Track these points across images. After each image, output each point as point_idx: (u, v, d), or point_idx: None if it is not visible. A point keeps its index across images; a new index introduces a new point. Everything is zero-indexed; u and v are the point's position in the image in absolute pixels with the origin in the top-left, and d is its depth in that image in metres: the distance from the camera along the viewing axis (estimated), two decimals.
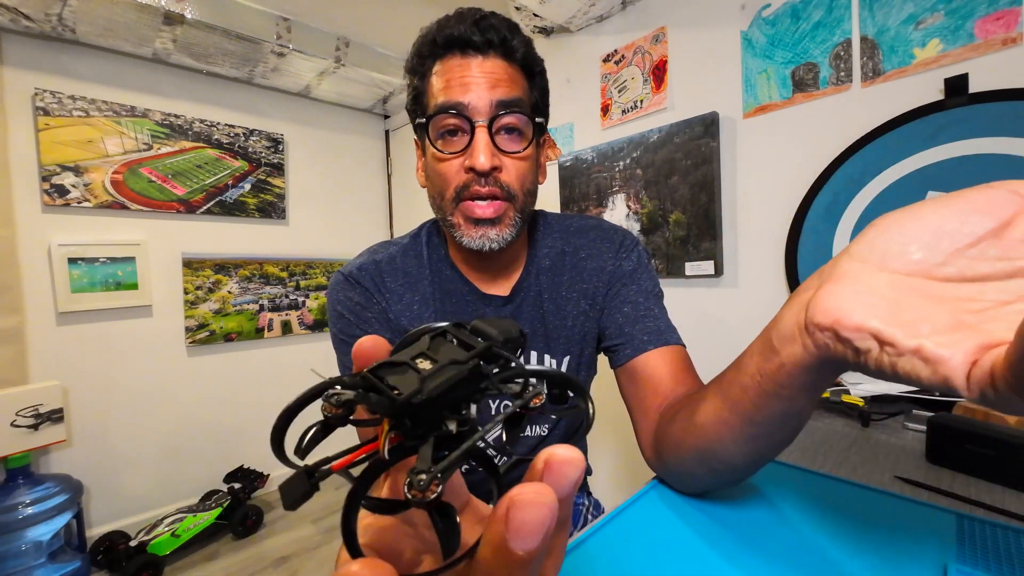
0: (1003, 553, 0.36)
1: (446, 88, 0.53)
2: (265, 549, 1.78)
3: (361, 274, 0.61)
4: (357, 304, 0.60)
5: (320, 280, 2.40)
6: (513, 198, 0.55)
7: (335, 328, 0.61)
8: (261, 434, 2.20)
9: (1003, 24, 0.92)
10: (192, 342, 1.99)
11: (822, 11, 1.14)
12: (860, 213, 1.09)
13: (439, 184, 0.56)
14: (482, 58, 0.54)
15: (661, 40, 1.45)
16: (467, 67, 0.53)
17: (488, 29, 0.53)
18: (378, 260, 0.62)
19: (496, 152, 0.54)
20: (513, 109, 0.53)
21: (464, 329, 0.19)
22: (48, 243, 1.68)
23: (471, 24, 0.53)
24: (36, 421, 1.51)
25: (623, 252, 0.65)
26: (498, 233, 0.55)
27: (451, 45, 0.54)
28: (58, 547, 1.48)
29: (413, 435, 0.15)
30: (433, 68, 0.55)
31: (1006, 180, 0.22)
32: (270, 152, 2.23)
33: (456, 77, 0.53)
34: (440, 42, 0.54)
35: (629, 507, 0.46)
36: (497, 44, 0.54)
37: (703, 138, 1.32)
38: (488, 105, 0.53)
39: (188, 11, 1.62)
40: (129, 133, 1.84)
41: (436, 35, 0.54)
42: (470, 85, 0.52)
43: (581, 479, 0.14)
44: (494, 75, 0.54)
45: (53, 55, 1.70)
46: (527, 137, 0.56)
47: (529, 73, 0.58)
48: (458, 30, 0.53)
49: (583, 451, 0.80)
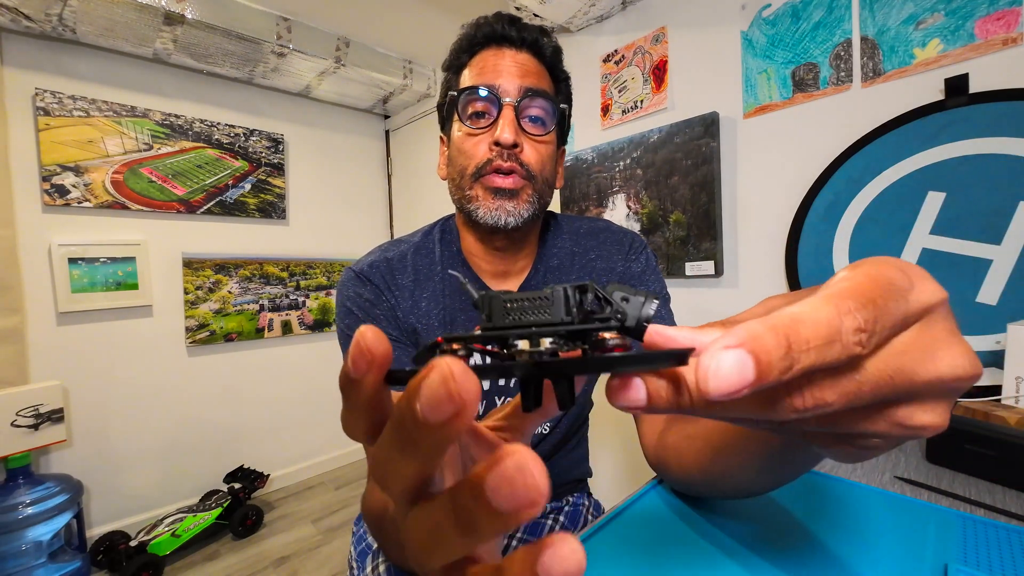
0: (1003, 553, 0.36)
1: (479, 74, 0.58)
2: (265, 549, 1.78)
3: (372, 271, 0.61)
4: (367, 301, 0.60)
5: (320, 280, 2.40)
6: (532, 178, 0.58)
7: (343, 324, 0.61)
8: (261, 434, 2.20)
9: (1003, 24, 0.92)
10: (192, 342, 1.99)
11: (822, 11, 1.14)
12: (860, 213, 1.09)
13: (461, 162, 0.59)
14: (515, 51, 0.59)
15: (661, 40, 1.45)
16: (500, 56, 0.58)
17: (523, 28, 0.59)
18: (389, 258, 0.63)
19: (520, 131, 0.57)
20: (539, 96, 0.57)
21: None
22: (48, 243, 1.68)
23: (507, 22, 0.59)
24: (36, 421, 1.51)
25: (632, 254, 0.66)
26: (515, 207, 0.57)
27: (488, 39, 0.59)
28: (58, 547, 1.48)
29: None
30: (469, 62, 0.60)
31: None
32: (270, 152, 2.23)
33: (490, 65, 0.58)
34: (479, 38, 0.59)
35: (629, 507, 0.46)
36: (530, 41, 0.59)
37: (703, 138, 1.32)
38: (517, 89, 0.57)
39: (188, 11, 1.62)
40: (129, 133, 1.84)
41: (475, 32, 0.60)
42: (502, 72, 0.57)
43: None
44: (525, 66, 0.58)
45: (53, 55, 1.70)
46: (549, 127, 0.59)
47: (555, 77, 0.63)
48: (495, 26, 0.59)
49: (585, 453, 0.80)
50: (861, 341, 0.16)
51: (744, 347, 0.15)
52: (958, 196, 0.97)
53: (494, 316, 0.18)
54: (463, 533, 0.14)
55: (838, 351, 0.15)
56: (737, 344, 0.15)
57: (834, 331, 0.15)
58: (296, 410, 2.30)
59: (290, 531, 1.90)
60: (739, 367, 0.14)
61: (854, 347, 0.16)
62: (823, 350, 0.15)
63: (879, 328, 0.16)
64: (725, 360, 0.15)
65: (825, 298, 0.16)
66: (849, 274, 0.18)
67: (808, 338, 0.15)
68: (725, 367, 0.15)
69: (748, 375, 0.14)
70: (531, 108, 0.57)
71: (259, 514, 1.90)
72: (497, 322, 0.18)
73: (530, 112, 0.58)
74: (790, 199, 1.21)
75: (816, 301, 0.16)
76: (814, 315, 0.16)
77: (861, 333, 0.16)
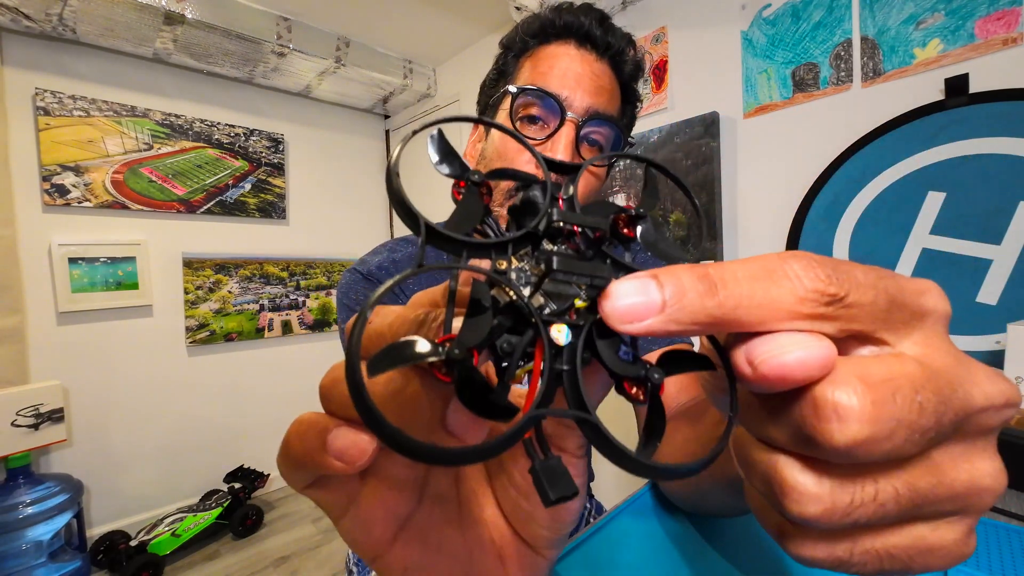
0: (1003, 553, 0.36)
1: (548, 73, 0.50)
2: (265, 549, 1.78)
3: (381, 273, 0.58)
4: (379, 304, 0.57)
5: (320, 280, 2.40)
6: None
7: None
8: (261, 434, 2.20)
9: (1003, 24, 0.92)
10: (192, 342, 1.99)
11: (822, 11, 1.14)
12: (860, 213, 1.09)
13: (499, 167, 0.54)
14: (595, 58, 0.51)
15: (661, 40, 1.45)
16: (576, 60, 0.51)
17: (611, 31, 0.52)
18: (397, 260, 0.60)
19: (576, 155, 0.50)
20: (607, 124, 0.51)
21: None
22: (48, 243, 1.68)
23: (597, 19, 0.51)
24: (36, 421, 1.51)
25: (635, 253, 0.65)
26: None
27: (570, 32, 0.51)
28: (58, 547, 1.48)
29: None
30: (537, 49, 0.53)
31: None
32: (270, 152, 2.23)
33: (563, 66, 0.50)
34: (560, 25, 0.51)
35: (628, 507, 0.46)
36: (615, 51, 0.52)
37: (703, 138, 1.32)
38: (585, 108, 0.50)
39: (188, 11, 1.62)
40: (129, 133, 1.84)
41: (556, 18, 0.51)
42: (574, 80, 0.50)
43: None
44: (600, 81, 0.51)
45: (53, 55, 1.70)
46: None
47: (626, 98, 0.56)
48: (582, 20, 0.50)
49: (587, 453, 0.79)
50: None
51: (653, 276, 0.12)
52: (958, 196, 0.97)
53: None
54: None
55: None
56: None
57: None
58: (296, 410, 2.28)
59: (290, 531, 1.90)
60: (640, 285, 0.12)
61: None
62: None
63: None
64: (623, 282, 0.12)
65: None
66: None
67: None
68: (623, 286, 0.12)
69: (653, 295, 0.12)
70: (594, 132, 0.51)
71: (259, 514, 1.90)
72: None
73: (591, 135, 0.51)
74: (790, 199, 1.21)
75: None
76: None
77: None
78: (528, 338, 0.13)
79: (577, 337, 0.13)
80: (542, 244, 0.14)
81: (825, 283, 0.12)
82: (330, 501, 0.17)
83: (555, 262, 0.13)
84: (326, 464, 0.13)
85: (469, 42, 2.16)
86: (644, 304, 0.12)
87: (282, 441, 0.15)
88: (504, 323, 0.13)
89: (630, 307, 0.12)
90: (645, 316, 0.12)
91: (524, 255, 0.14)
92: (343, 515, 0.17)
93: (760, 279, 0.12)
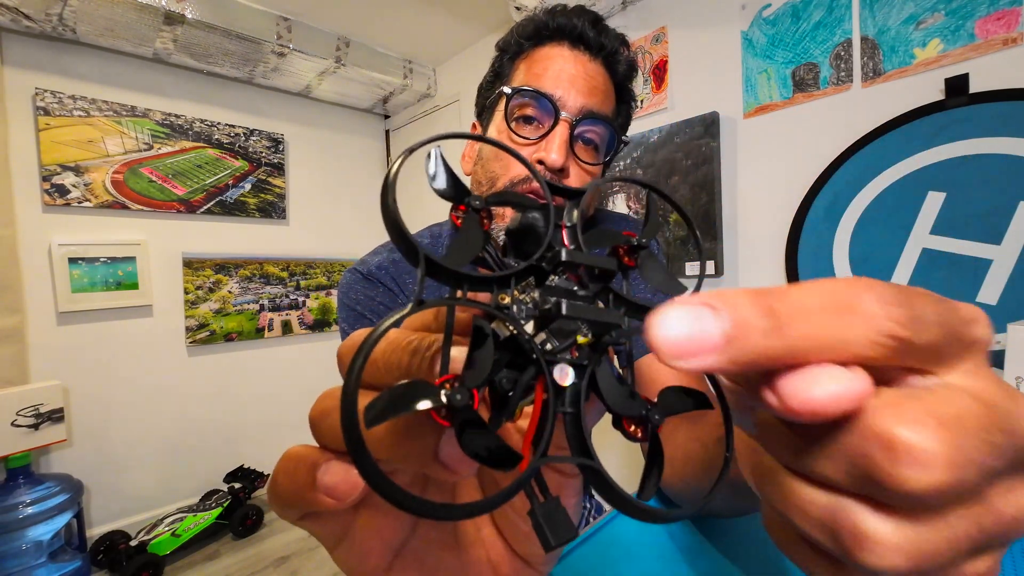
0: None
1: (542, 74, 0.51)
2: (265, 549, 1.78)
3: (381, 273, 0.58)
4: (380, 304, 0.57)
5: (320, 280, 2.40)
6: None
7: (351, 327, 0.58)
8: (261, 434, 2.20)
9: (1003, 24, 0.92)
10: (192, 342, 1.99)
11: (823, 11, 1.14)
12: (860, 213, 1.09)
13: (495, 169, 0.53)
14: (589, 58, 0.52)
15: (661, 40, 1.45)
16: (570, 60, 0.51)
17: (604, 32, 0.52)
18: (397, 260, 0.60)
19: (570, 154, 0.50)
20: (600, 122, 0.51)
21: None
22: (48, 243, 1.68)
23: (590, 22, 0.51)
24: (36, 421, 1.50)
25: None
26: None
27: (561, 33, 0.52)
28: (58, 547, 1.48)
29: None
30: (532, 51, 0.53)
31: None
32: (270, 152, 2.23)
33: (557, 67, 0.51)
34: (553, 27, 0.52)
35: None
36: (608, 52, 0.52)
37: (703, 138, 1.32)
38: (579, 107, 0.50)
39: (188, 11, 1.62)
40: (129, 133, 1.84)
41: (549, 20, 0.52)
42: (568, 80, 0.50)
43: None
44: (593, 81, 0.51)
45: (53, 55, 1.70)
46: (601, 155, 0.54)
47: (620, 97, 0.56)
48: (575, 22, 0.51)
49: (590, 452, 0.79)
50: None
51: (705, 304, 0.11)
52: (958, 196, 0.97)
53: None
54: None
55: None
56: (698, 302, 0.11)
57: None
58: (296, 410, 2.30)
59: (290, 531, 1.90)
60: (694, 314, 0.11)
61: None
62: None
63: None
64: (671, 311, 0.11)
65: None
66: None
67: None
68: (672, 315, 0.11)
69: (708, 324, 0.10)
70: (588, 131, 0.52)
71: (259, 514, 1.90)
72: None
73: (585, 134, 0.52)
74: (790, 199, 1.21)
75: None
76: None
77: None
78: (529, 376, 0.12)
79: (581, 378, 0.12)
80: (547, 280, 0.14)
81: (901, 327, 0.10)
82: (324, 533, 0.16)
83: (564, 307, 0.13)
84: (317, 501, 0.13)
85: (469, 42, 2.16)
86: (700, 339, 0.10)
87: (270, 477, 0.15)
88: (503, 358, 0.12)
89: (682, 342, 0.10)
90: (698, 353, 0.10)
91: (525, 286, 0.14)
92: (337, 545, 0.17)
93: (830, 314, 0.10)
